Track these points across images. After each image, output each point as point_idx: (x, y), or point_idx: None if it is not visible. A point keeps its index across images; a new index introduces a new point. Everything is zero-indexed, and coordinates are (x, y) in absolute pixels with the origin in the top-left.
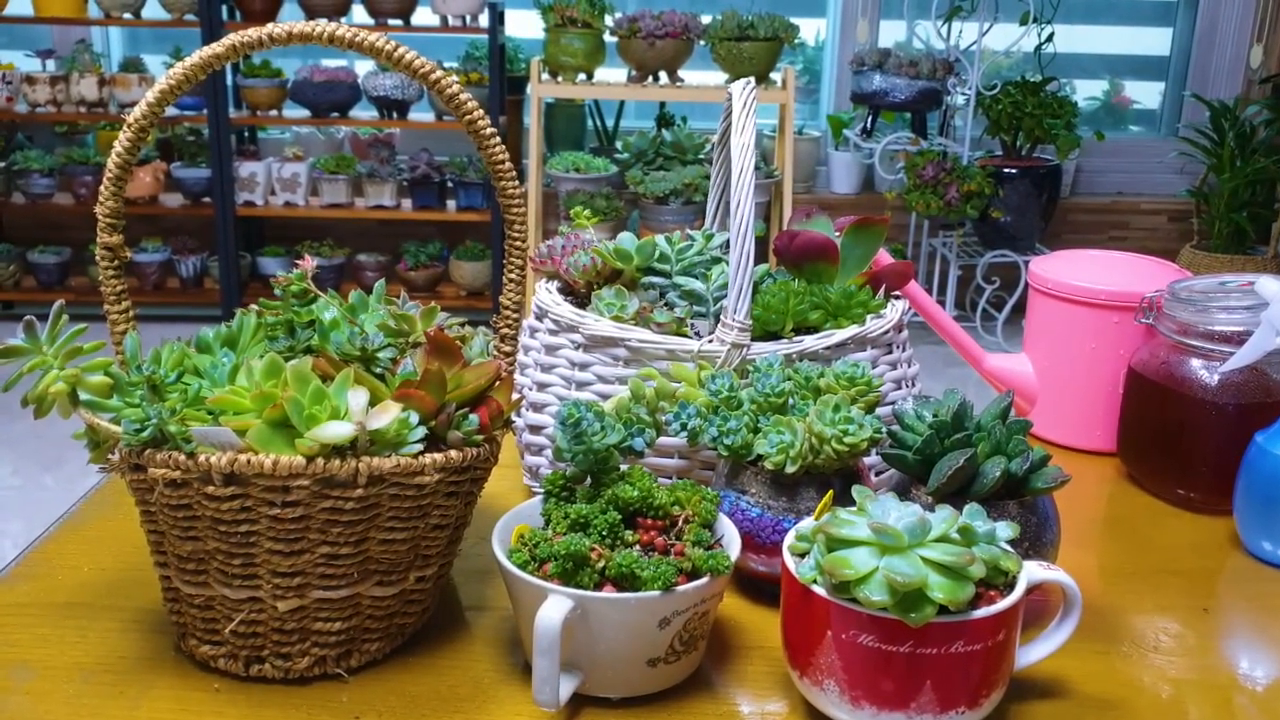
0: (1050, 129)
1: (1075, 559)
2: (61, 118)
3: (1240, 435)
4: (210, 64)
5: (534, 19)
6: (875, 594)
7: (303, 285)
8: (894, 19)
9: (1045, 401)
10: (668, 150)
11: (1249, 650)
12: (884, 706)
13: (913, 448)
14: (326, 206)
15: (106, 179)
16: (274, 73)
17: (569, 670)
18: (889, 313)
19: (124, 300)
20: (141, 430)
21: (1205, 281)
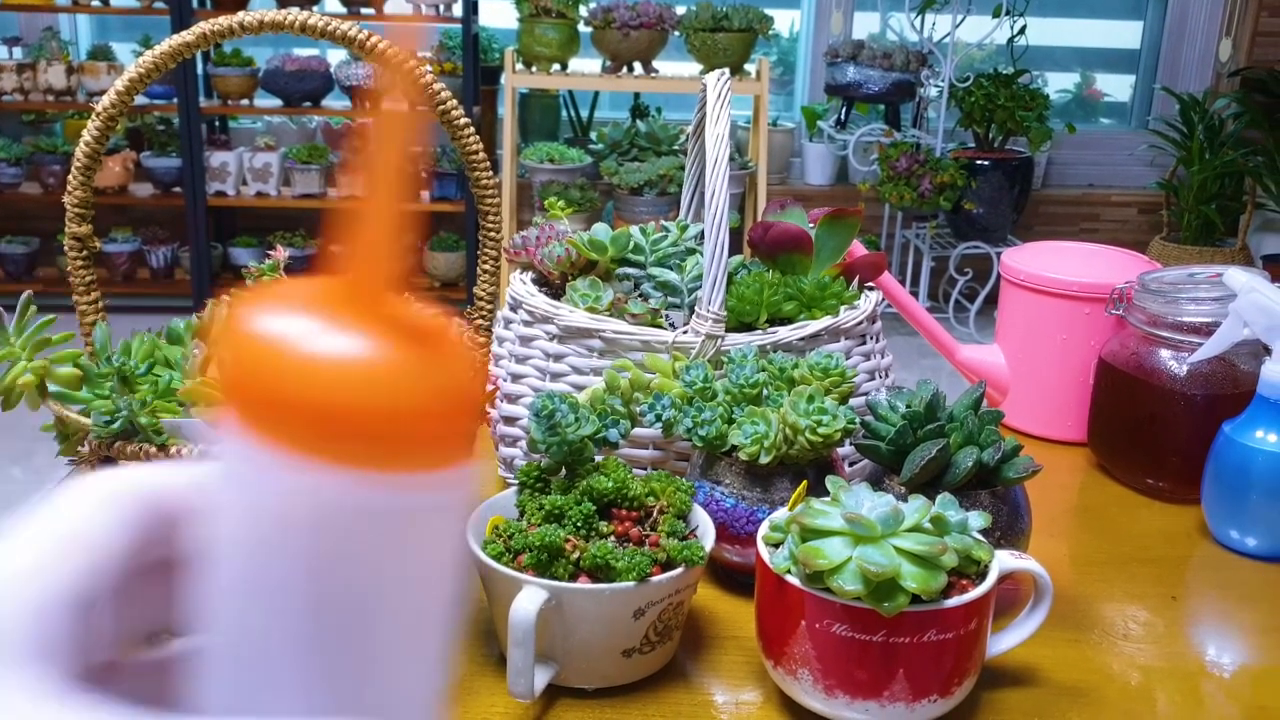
0: (1022, 121)
1: (1046, 548)
2: (29, 106)
3: (1209, 425)
4: (180, 52)
5: (508, 8)
6: (849, 584)
7: (275, 276)
8: (868, 11)
9: (1017, 392)
10: (642, 141)
11: (1216, 637)
12: (857, 695)
13: (886, 438)
14: (299, 197)
15: (75, 168)
16: (245, 61)
17: (544, 661)
18: (863, 304)
19: (93, 291)
20: (111, 422)
21: (1174, 273)
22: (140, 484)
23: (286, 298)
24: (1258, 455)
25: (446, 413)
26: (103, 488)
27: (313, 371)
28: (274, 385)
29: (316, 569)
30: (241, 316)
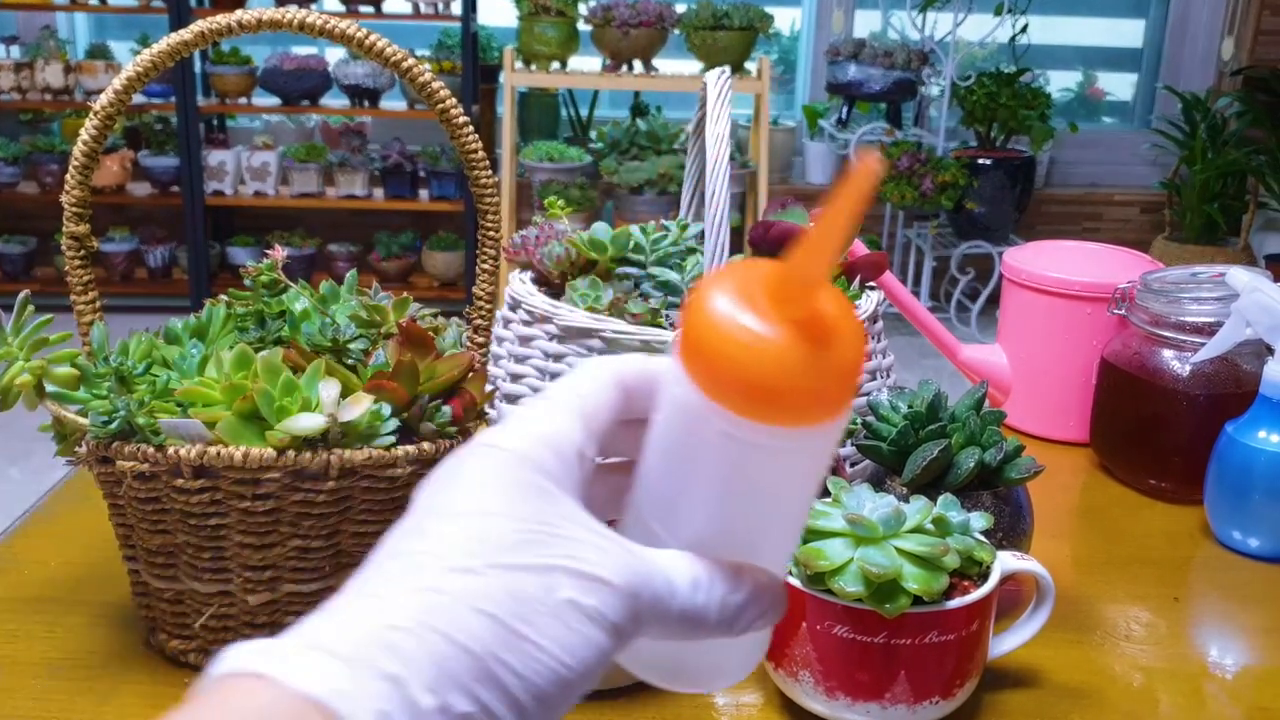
0: (1024, 120)
1: (1048, 549)
2: (26, 105)
3: (1211, 425)
4: (178, 51)
5: (507, 7)
6: (850, 585)
7: (273, 275)
8: (869, 9)
9: (1019, 392)
10: (642, 140)
11: (1219, 638)
12: (859, 697)
13: (887, 439)
14: (297, 196)
15: (73, 167)
16: (243, 60)
17: None
18: (864, 304)
19: (91, 290)
20: (109, 422)
21: (1177, 273)
22: (626, 369)
23: (738, 279)
24: (1260, 456)
25: (825, 392)
26: (607, 371)
27: (734, 347)
28: (706, 348)
29: (708, 462)
30: (703, 289)
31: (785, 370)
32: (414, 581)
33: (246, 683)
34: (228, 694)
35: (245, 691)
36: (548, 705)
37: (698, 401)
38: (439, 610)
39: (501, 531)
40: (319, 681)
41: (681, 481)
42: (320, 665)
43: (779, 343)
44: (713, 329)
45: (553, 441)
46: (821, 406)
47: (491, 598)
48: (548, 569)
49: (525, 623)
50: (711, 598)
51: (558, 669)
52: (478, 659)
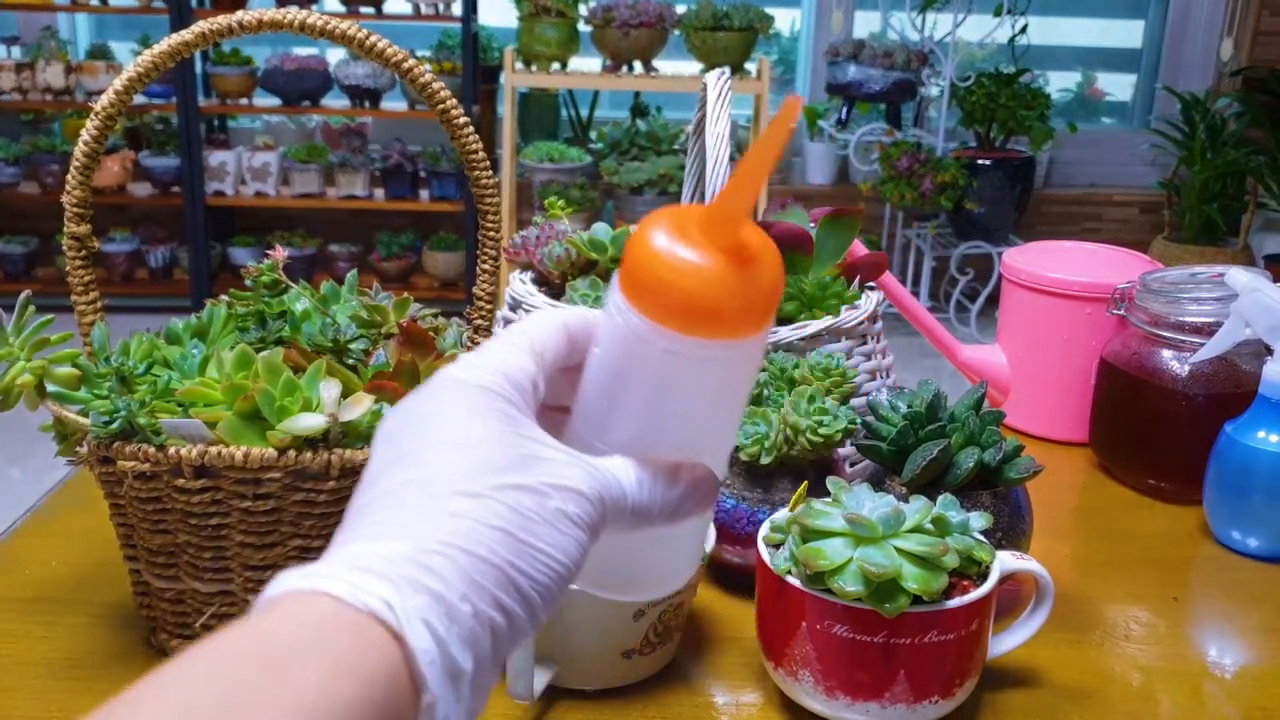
0: (1024, 121)
1: (1048, 549)
2: (27, 106)
3: (1210, 426)
4: (179, 51)
5: (507, 7)
6: (850, 584)
7: (274, 276)
8: (869, 10)
9: (1018, 392)
10: (642, 140)
11: (1218, 638)
12: (858, 696)
13: (887, 439)
14: (298, 196)
15: (74, 168)
16: (244, 60)
17: (543, 663)
18: (863, 304)
19: (92, 291)
20: (110, 422)
21: (1176, 273)
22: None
23: (672, 219)
24: (1260, 456)
25: (753, 308)
26: (554, 317)
27: (673, 273)
28: (648, 277)
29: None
30: (642, 229)
31: (719, 290)
32: (432, 507)
33: (306, 598)
34: (291, 606)
35: (307, 604)
36: (549, 600)
37: (641, 325)
38: (460, 531)
39: (493, 456)
40: (372, 596)
41: (623, 399)
42: (371, 583)
43: (712, 267)
44: (654, 260)
45: (511, 373)
46: (750, 321)
47: (500, 515)
48: (537, 485)
49: (529, 533)
50: (655, 493)
51: (558, 568)
52: (497, 568)
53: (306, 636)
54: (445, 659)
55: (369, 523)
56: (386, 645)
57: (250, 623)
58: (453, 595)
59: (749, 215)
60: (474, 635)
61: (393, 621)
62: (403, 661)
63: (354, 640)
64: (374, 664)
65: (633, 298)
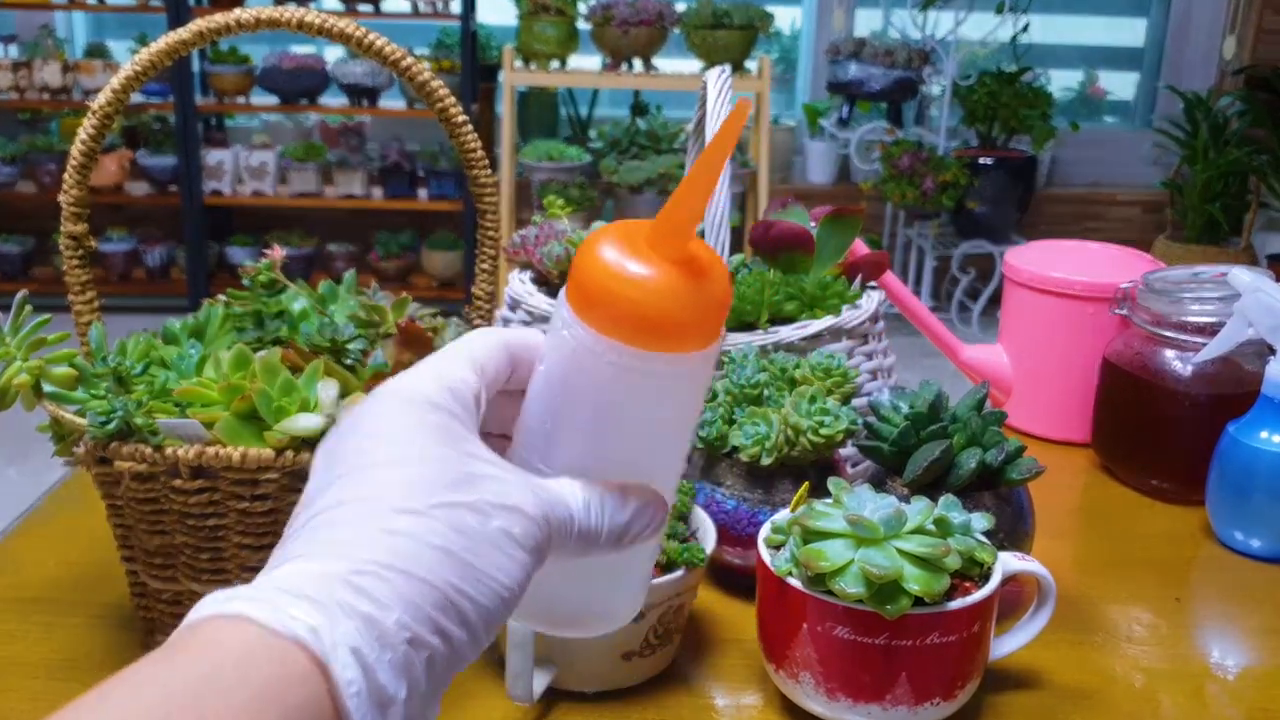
0: (1026, 120)
1: (1050, 550)
2: (24, 104)
3: (1213, 426)
4: (177, 50)
5: (507, 5)
6: (851, 586)
7: (271, 275)
8: (870, 8)
9: (1020, 392)
10: (642, 139)
11: (1220, 639)
12: (860, 698)
13: (888, 439)
14: (295, 195)
15: (71, 167)
16: (241, 59)
17: (543, 665)
18: (865, 303)
19: (89, 290)
20: (107, 423)
21: (1179, 272)
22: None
23: (620, 233)
24: (1263, 456)
25: (703, 320)
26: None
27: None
28: (596, 290)
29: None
30: (590, 243)
31: (668, 301)
32: (368, 526)
33: (229, 624)
34: (212, 633)
35: (228, 631)
36: (492, 623)
37: (589, 338)
38: (397, 550)
39: (434, 473)
40: (298, 623)
41: (568, 418)
42: (297, 608)
43: (660, 279)
44: (602, 272)
45: (454, 387)
46: (699, 333)
47: (440, 534)
48: (479, 503)
49: (472, 554)
50: (602, 516)
51: (501, 591)
52: (438, 590)
53: (225, 667)
54: (373, 688)
55: (302, 543)
56: (310, 676)
57: (168, 651)
58: (386, 619)
59: (695, 227)
60: (408, 661)
61: (317, 650)
62: (327, 694)
63: (275, 671)
64: (296, 697)
65: (581, 311)
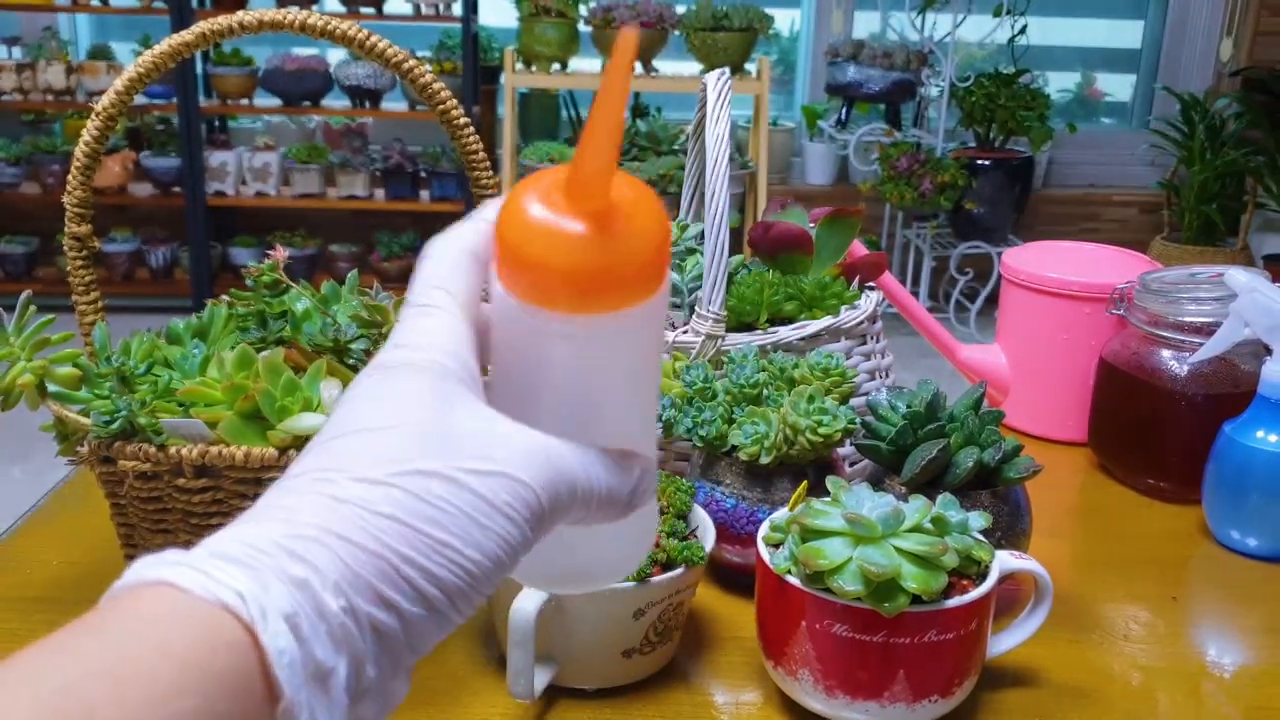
0: (1023, 121)
1: (1047, 548)
2: (28, 106)
3: (1210, 425)
4: (180, 52)
5: (508, 8)
6: (849, 584)
7: (274, 276)
8: (868, 10)
9: (1018, 392)
10: (642, 141)
11: (1217, 638)
12: (858, 695)
13: (886, 438)
14: (298, 196)
15: (75, 168)
16: (244, 61)
17: (544, 662)
18: (863, 304)
19: (93, 291)
20: (111, 422)
21: (1175, 273)
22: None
23: (537, 185)
24: (1259, 455)
25: (626, 273)
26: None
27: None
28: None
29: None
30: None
31: (582, 257)
32: (318, 493)
33: (152, 591)
34: (134, 602)
35: (151, 599)
36: (462, 599)
37: (513, 306)
38: (340, 517)
39: (405, 441)
40: (224, 587)
41: (523, 385)
42: (227, 572)
43: (572, 233)
44: (513, 231)
45: (452, 348)
46: (625, 289)
47: (395, 501)
48: (451, 471)
49: (431, 523)
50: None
51: (466, 564)
52: (382, 559)
53: (145, 636)
54: (308, 658)
55: (250, 513)
56: (237, 643)
57: (87, 620)
58: (324, 587)
59: (610, 170)
60: (347, 633)
61: (245, 615)
62: (256, 662)
63: (199, 638)
64: (221, 666)
65: (502, 274)
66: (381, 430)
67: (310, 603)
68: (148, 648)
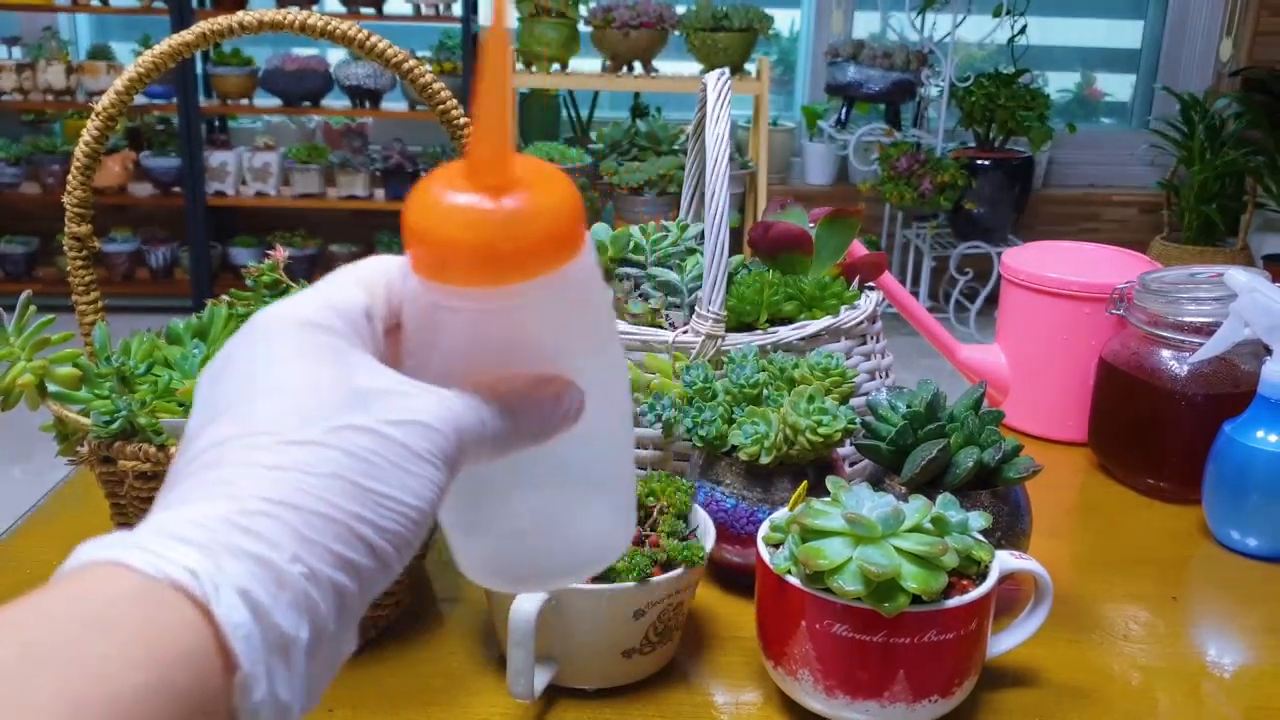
0: (1023, 121)
1: (1047, 548)
2: (28, 106)
3: (1209, 425)
4: (180, 52)
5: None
6: (849, 584)
7: (275, 276)
8: (868, 10)
9: (1018, 392)
10: (642, 141)
11: (1217, 638)
12: (858, 695)
13: (886, 438)
14: (298, 196)
15: (75, 168)
16: (244, 61)
17: (544, 662)
18: (863, 304)
19: (93, 291)
20: (111, 422)
21: (1175, 273)
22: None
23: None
24: (1259, 455)
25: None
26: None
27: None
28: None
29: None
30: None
31: (483, 229)
32: (253, 462)
33: (101, 571)
34: (81, 583)
35: (100, 579)
36: (404, 547)
37: (417, 286)
38: (287, 484)
39: (321, 399)
40: (174, 565)
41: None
42: (178, 551)
43: (471, 205)
44: (417, 213)
45: (338, 305)
46: (532, 258)
47: (335, 461)
48: (374, 425)
49: (371, 478)
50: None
51: (409, 513)
52: (337, 521)
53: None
54: (267, 631)
55: (185, 487)
56: (192, 623)
57: (31, 598)
58: (281, 558)
59: (506, 144)
60: (309, 600)
61: (199, 593)
62: (213, 640)
63: (150, 619)
64: (175, 643)
65: (424, 270)
66: (297, 391)
67: (268, 575)
68: (94, 626)
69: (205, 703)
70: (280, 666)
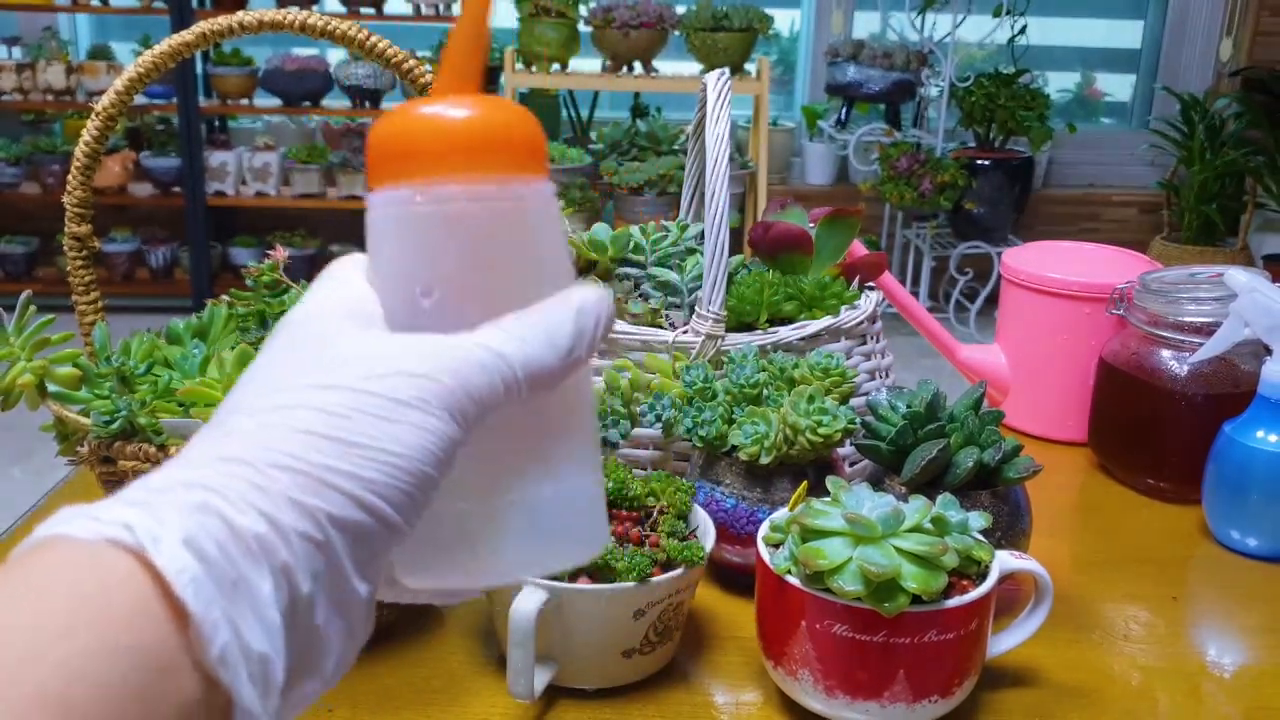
0: (1023, 121)
1: (1047, 548)
2: (28, 106)
3: (1209, 425)
4: (180, 52)
5: (507, 8)
6: (849, 584)
7: (274, 276)
8: (868, 10)
9: (1018, 392)
10: (642, 141)
11: (1217, 638)
12: (858, 695)
13: (886, 438)
14: (298, 196)
15: (75, 168)
16: (245, 61)
17: (544, 661)
18: (863, 304)
19: (93, 291)
20: (111, 422)
21: (1175, 273)
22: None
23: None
24: (1259, 455)
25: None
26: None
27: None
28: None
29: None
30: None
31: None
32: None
33: (45, 546)
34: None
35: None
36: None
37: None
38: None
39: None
40: (115, 525)
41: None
42: (115, 513)
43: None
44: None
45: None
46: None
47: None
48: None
49: (345, 430)
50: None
51: (397, 461)
52: (298, 473)
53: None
54: (219, 577)
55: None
56: (132, 576)
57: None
58: (229, 508)
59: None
60: (268, 547)
61: (132, 542)
62: (154, 588)
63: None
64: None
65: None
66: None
67: (215, 523)
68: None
69: (159, 658)
70: (247, 615)
